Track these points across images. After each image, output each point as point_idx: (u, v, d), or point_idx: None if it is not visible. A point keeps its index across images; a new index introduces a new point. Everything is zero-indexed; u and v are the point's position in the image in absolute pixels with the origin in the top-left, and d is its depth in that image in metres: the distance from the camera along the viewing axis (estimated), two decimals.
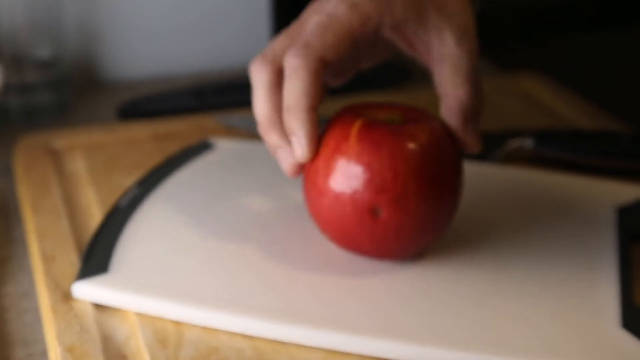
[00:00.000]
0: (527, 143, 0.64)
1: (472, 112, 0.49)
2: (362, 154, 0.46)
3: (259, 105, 0.49)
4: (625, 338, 0.45)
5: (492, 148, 0.64)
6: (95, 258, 0.51)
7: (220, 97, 0.77)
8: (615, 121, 0.71)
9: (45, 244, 0.54)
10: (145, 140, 0.68)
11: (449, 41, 0.49)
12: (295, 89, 0.46)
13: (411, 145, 0.47)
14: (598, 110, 0.73)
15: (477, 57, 0.49)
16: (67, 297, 0.49)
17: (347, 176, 0.47)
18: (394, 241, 0.48)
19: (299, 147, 0.47)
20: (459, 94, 0.48)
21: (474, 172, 0.60)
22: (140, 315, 0.48)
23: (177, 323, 0.47)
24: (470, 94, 0.49)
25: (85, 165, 0.64)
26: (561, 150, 0.63)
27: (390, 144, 0.47)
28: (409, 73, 0.83)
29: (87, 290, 0.49)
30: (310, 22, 0.48)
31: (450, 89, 0.49)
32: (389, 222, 0.47)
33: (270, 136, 0.49)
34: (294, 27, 0.50)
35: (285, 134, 0.48)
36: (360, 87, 0.78)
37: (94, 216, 0.58)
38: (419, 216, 0.47)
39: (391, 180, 0.46)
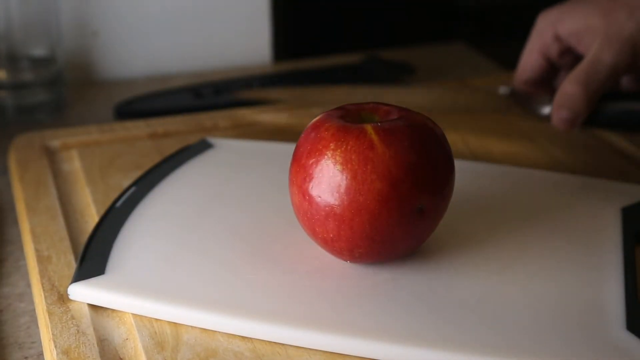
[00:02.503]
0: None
1: (571, 106, 0.60)
2: (398, 156, 0.47)
3: None
4: (630, 340, 0.45)
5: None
6: (92, 259, 0.51)
7: (219, 96, 0.77)
8: None
9: (41, 244, 0.54)
10: (142, 139, 0.68)
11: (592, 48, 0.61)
12: None
13: (426, 136, 0.48)
14: None
15: (608, 70, 0.60)
16: (63, 298, 0.49)
17: (391, 180, 0.47)
18: (429, 233, 0.50)
19: None
20: (566, 87, 0.60)
21: (476, 172, 0.60)
22: (137, 317, 0.48)
23: (174, 325, 0.47)
24: (575, 95, 0.60)
25: (82, 165, 0.64)
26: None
27: (414, 138, 0.47)
28: (410, 70, 0.83)
29: (83, 292, 0.49)
30: None
31: (565, 82, 0.61)
32: (430, 215, 0.48)
33: None
34: None
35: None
36: (357, 84, 0.78)
37: (91, 216, 0.57)
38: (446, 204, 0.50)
39: (432, 174, 0.47)
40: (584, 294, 0.48)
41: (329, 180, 0.47)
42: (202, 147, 0.64)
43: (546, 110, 0.63)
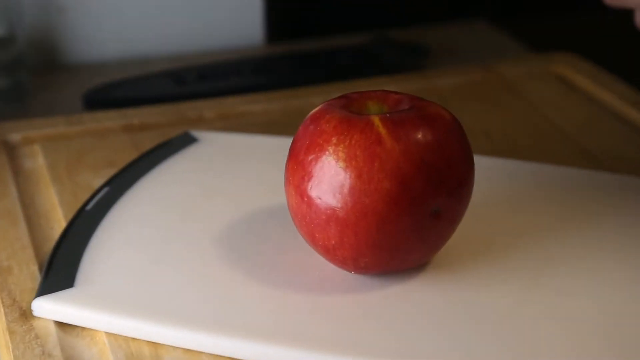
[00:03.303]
0: None
1: None
2: (409, 151, 0.47)
3: None
4: None
5: None
6: (59, 270, 0.51)
7: (203, 83, 0.78)
8: None
9: (0, 253, 0.54)
10: (116, 132, 0.68)
11: None
12: None
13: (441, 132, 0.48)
14: None
15: None
16: (26, 315, 0.49)
17: (401, 179, 0.47)
18: (444, 239, 0.50)
19: None
20: None
21: (500, 169, 0.61)
22: (111, 336, 0.48)
23: (154, 345, 0.47)
24: None
25: (46, 161, 0.64)
26: None
27: (428, 131, 0.48)
28: (424, 53, 0.83)
29: (49, 308, 0.49)
30: None
31: None
32: (446, 219, 0.49)
33: None
34: None
35: None
36: (369, 71, 0.78)
37: (57, 221, 0.58)
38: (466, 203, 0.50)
39: (448, 172, 0.48)
40: (626, 311, 0.48)
41: (330, 180, 0.47)
42: (185, 141, 0.64)
43: None
